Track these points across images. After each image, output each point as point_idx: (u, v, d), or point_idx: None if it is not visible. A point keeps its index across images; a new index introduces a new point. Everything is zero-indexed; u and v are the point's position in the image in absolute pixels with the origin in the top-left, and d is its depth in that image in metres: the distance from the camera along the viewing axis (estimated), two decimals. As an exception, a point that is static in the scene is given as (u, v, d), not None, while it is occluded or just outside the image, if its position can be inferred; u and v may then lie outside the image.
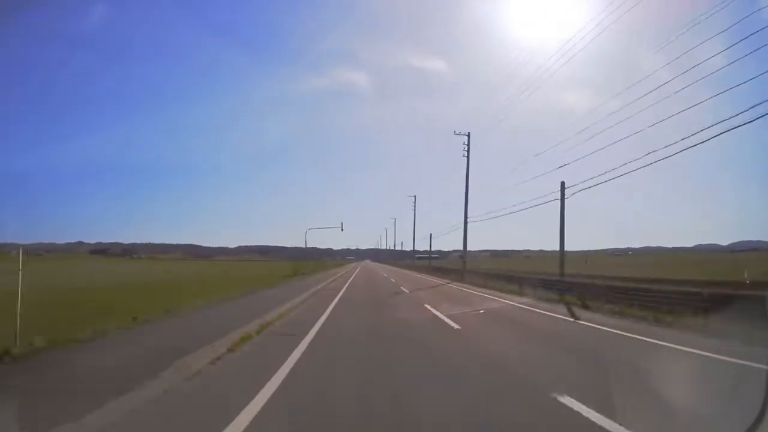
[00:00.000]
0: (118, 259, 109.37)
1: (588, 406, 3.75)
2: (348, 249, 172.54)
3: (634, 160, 12.73)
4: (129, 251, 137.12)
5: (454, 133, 31.35)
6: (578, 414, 3.67)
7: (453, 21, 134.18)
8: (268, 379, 4.75)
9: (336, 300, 15.05)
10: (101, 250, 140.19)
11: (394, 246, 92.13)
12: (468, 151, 30.94)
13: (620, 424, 3.34)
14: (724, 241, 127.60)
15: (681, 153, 11.65)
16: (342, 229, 72.66)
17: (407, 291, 20.06)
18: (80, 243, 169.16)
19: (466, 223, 31.05)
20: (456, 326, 9.01)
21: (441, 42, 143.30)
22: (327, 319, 10.28)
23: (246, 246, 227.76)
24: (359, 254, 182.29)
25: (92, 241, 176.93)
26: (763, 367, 4.59)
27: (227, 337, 6.74)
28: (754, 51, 9.66)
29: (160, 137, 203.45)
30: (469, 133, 31.01)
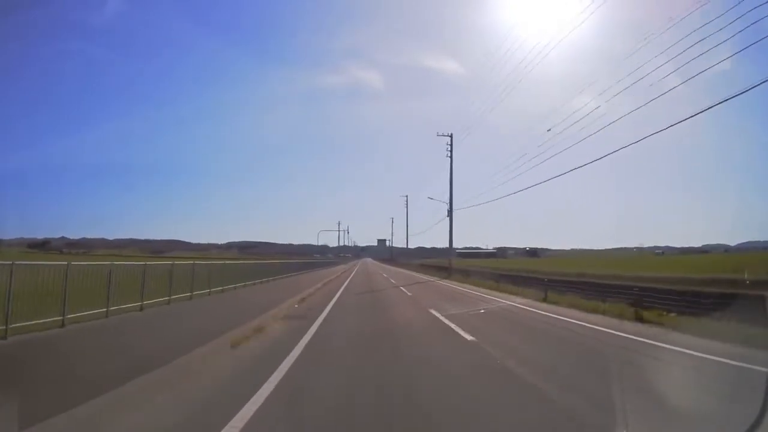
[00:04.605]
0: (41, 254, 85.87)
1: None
2: (346, 246, 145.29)
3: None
4: (74, 245, 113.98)
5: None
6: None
7: (462, 23, 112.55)
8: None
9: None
10: (40, 244, 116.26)
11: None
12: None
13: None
14: (732, 242, 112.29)
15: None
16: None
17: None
18: (63, 238, 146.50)
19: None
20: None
21: (449, 42, 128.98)
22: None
23: (236, 242, 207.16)
24: (356, 252, 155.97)
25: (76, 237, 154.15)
26: None
27: None
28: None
29: (151, 136, 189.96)
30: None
